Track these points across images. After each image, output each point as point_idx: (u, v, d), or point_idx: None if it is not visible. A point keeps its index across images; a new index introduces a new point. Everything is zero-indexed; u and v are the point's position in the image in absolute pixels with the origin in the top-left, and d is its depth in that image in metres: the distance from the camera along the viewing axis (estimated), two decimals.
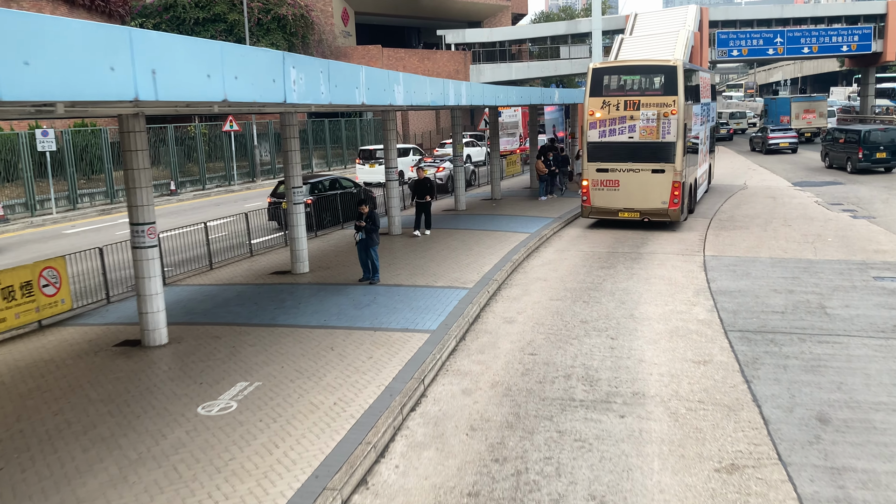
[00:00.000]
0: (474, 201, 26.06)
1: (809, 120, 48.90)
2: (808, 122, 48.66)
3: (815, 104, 51.09)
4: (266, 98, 7.07)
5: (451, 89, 14.69)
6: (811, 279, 14.24)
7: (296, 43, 37.63)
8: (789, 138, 43.54)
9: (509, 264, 15.60)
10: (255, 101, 6.92)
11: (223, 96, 6.34)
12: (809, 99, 53.70)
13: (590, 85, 19.89)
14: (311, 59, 8.24)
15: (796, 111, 50.20)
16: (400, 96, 11.24)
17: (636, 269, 15.46)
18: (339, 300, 12.78)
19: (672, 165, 19.23)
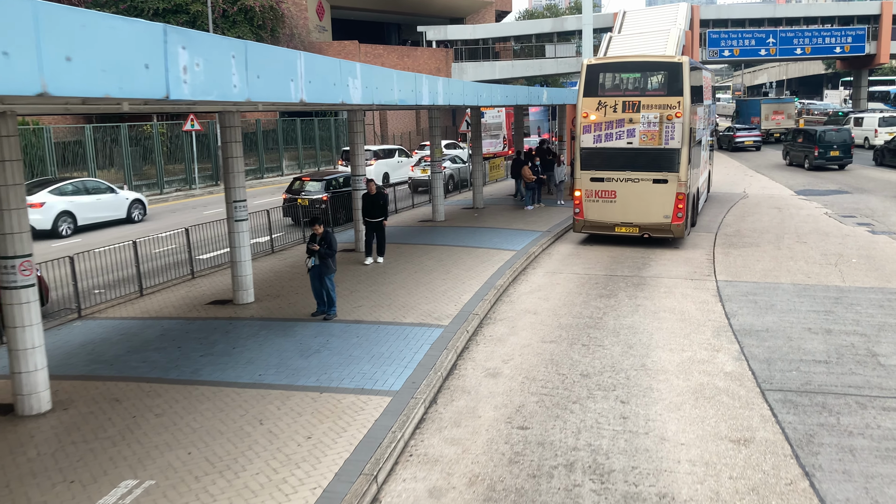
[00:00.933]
0: (454, 210, 23.73)
1: (778, 121, 50.01)
2: (777, 123, 49.67)
3: (784, 106, 52.16)
4: (132, 92, 4.72)
5: (424, 86, 12.35)
6: (848, 314, 12.05)
7: (264, 36, 35.11)
8: (753, 137, 46.60)
9: (493, 291, 13.29)
10: (111, 97, 4.56)
11: (40, 88, 3.99)
12: (779, 101, 54.98)
13: (583, 84, 17.63)
14: (215, 39, 5.87)
15: (766, 112, 51.02)
16: (356, 93, 8.89)
17: (640, 298, 13.20)
18: (284, 344, 10.39)
19: (676, 175, 17.02)
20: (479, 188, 24.11)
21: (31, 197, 20.30)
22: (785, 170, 35.43)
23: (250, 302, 12.69)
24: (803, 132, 36.67)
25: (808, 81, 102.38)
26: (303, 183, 21.75)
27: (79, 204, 21.83)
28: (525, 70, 53.49)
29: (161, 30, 5.07)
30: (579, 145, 17.79)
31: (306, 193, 21.13)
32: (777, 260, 16.13)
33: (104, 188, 23.17)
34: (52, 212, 20.87)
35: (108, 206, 22.93)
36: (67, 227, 21.32)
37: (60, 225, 21.10)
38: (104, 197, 22.93)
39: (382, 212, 15.50)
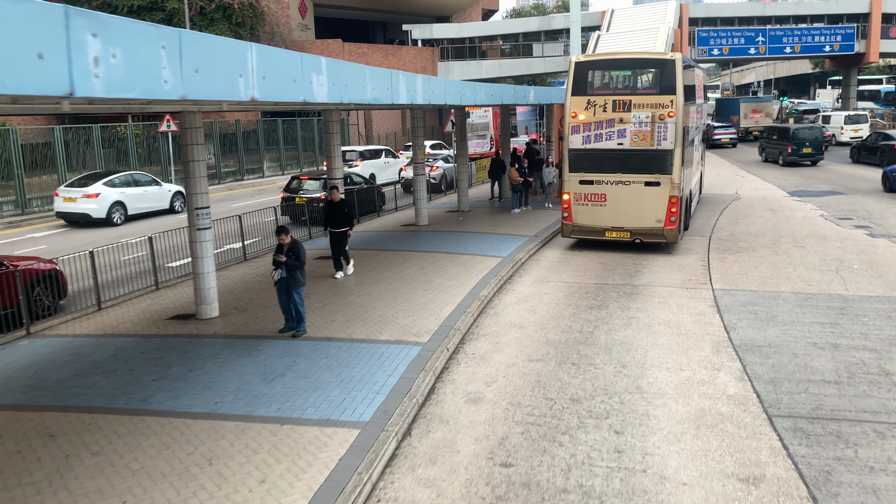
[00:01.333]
0: (438, 214, 22.87)
1: (757, 119, 50.86)
2: (755, 122, 50.51)
3: (763, 104, 53.17)
4: (19, 87, 3.84)
5: (401, 84, 11.48)
6: (854, 326, 11.27)
7: (243, 35, 34.09)
8: (730, 135, 47.90)
9: (476, 303, 12.44)
10: None
11: None
12: (757, 100, 56.19)
13: (571, 82, 16.81)
14: (138, 25, 4.99)
15: (745, 111, 52.15)
16: (321, 90, 8.02)
17: (633, 309, 12.38)
18: (246, 366, 9.49)
19: (669, 177, 16.23)
20: (465, 191, 23.26)
21: (87, 188, 22.39)
22: (762, 166, 36.83)
23: (214, 317, 11.77)
24: (778, 130, 38.31)
25: (795, 81, 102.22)
26: (301, 182, 22.11)
27: (129, 195, 23.48)
28: (512, 69, 52.70)
29: (62, 12, 4.18)
30: (567, 146, 16.97)
31: (304, 192, 21.49)
32: (775, 266, 15.36)
33: (150, 181, 24.90)
34: (106, 202, 22.57)
35: (153, 198, 24.64)
36: (119, 216, 23.02)
37: (113, 214, 22.76)
38: (150, 189, 24.62)
39: (347, 221, 14.26)
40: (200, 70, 5.58)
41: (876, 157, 33.12)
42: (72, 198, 22.32)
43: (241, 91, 6.29)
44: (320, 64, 8.06)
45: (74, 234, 21.43)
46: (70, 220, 22.78)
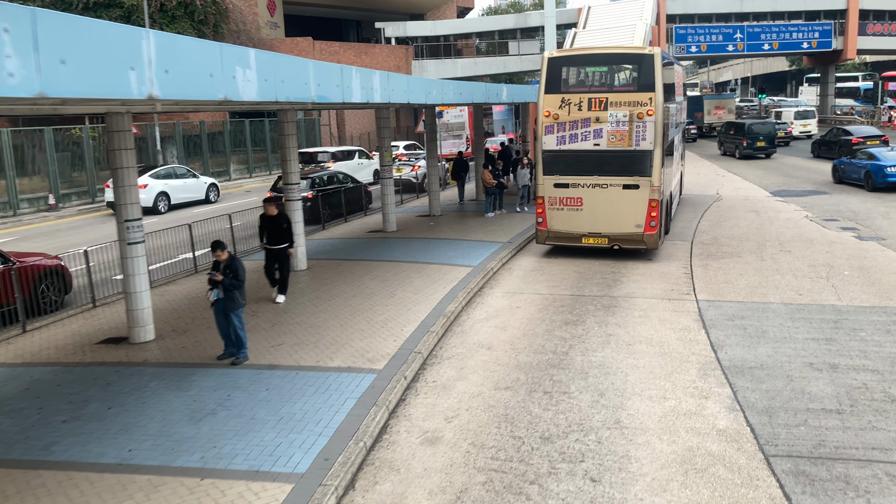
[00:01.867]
0: (408, 218, 21.78)
1: (720, 115, 52.10)
2: (718, 118, 51.68)
3: (725, 101, 55.30)
4: None
5: (355, 81, 10.37)
6: (852, 342, 10.34)
7: (207, 32, 32.74)
8: (691, 130, 49.14)
9: (442, 320, 11.36)
10: None
11: None
12: (719, 97, 59.56)
13: (545, 79, 15.78)
14: None
15: (708, 108, 53.85)
16: (249, 87, 6.90)
17: (612, 325, 11.37)
18: (173, 402, 8.34)
19: (648, 180, 15.26)
20: (436, 194, 22.18)
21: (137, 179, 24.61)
22: (721, 159, 38.93)
23: (149, 340, 10.60)
24: (735, 125, 40.33)
25: (772, 78, 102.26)
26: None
27: (171, 186, 26.08)
28: (488, 68, 51.71)
29: None
30: (541, 147, 15.95)
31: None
32: (762, 273, 14.43)
33: (188, 174, 27.45)
34: (152, 192, 25.05)
35: (192, 189, 27.05)
36: (164, 205, 25.47)
37: (159, 203, 25.26)
38: (189, 181, 27.13)
39: (286, 237, 12.63)
40: (69, 60, 4.46)
41: (835, 152, 33.10)
42: None
43: (134, 87, 5.17)
44: (247, 57, 6.94)
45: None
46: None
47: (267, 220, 12.65)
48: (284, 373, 9.16)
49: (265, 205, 12.53)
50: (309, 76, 8.73)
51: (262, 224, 12.79)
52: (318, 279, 14.23)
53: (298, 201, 14.82)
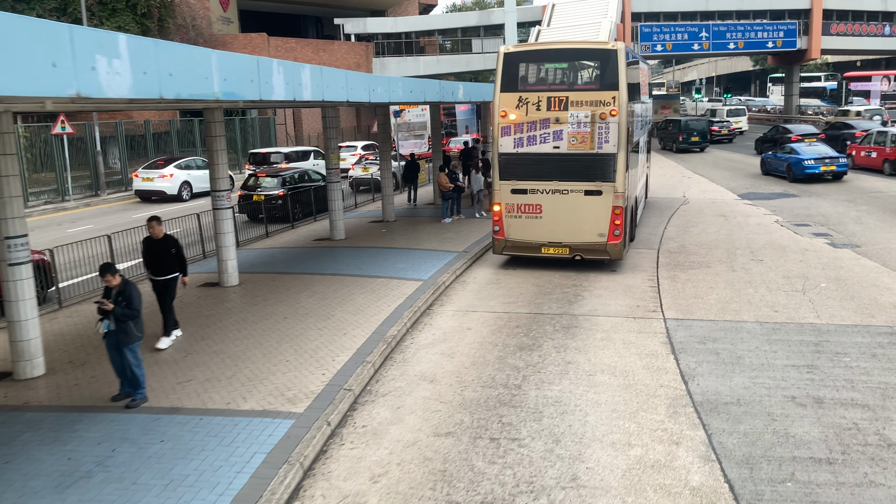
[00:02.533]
0: (359, 225, 20.44)
1: (666, 115, 53.03)
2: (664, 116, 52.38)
3: (671, 102, 58.43)
4: None
5: (276, 75, 9.01)
6: (836, 369, 9.27)
7: (151, 27, 30.97)
8: None
9: (381, 347, 10.06)
10: None
11: None
12: (667, 97, 62.61)
13: (501, 76, 14.56)
14: None
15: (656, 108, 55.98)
16: (117, 81, 5.54)
17: (571, 350, 10.17)
18: (42, 462, 6.91)
19: (612, 185, 14.12)
20: (390, 198, 20.86)
21: (163, 170, 27.11)
22: (661, 152, 41.05)
23: (37, 376, 9.13)
24: (672, 122, 43.20)
25: (737, 78, 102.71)
26: (258, 179, 22.15)
27: (194, 176, 27.77)
28: (451, 66, 50.47)
29: None
30: (497, 150, 14.73)
31: (262, 189, 21.44)
32: (733, 286, 13.38)
33: (205, 164, 27.66)
34: (177, 181, 27.05)
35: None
36: (187, 193, 27.28)
37: (183, 191, 27.11)
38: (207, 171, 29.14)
39: (175, 265, 10.25)
40: None
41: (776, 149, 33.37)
42: (150, 178, 27.07)
43: None
44: (115, 43, 5.57)
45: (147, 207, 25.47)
46: (145, 198, 27.42)
47: (151, 243, 10.23)
48: (186, 419, 7.78)
49: (149, 225, 10.22)
50: (211, 69, 7.37)
51: (144, 250, 10.37)
52: (248, 297, 12.83)
53: (228, 210, 13.41)
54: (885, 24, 54.34)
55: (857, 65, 79.79)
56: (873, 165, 28.96)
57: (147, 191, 27.29)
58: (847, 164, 27.47)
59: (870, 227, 18.69)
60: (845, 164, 27.19)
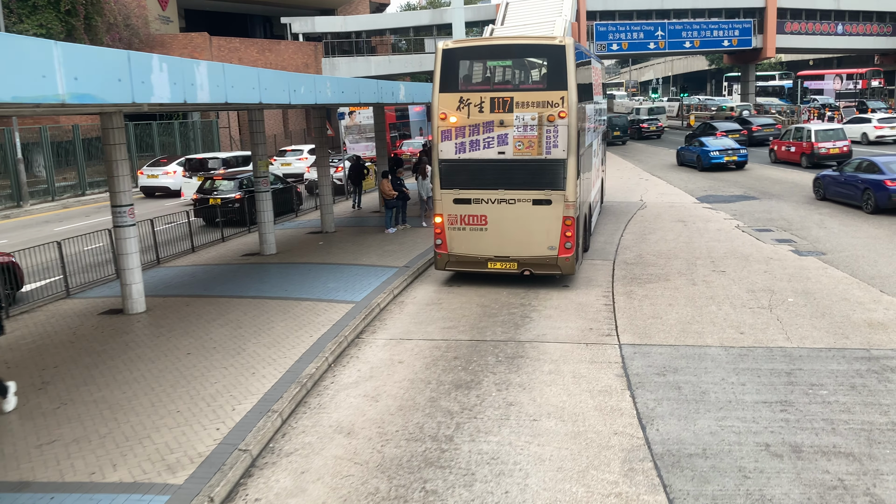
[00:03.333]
0: (295, 236, 18.94)
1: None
2: None
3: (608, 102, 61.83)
4: None
5: (158, 75, 7.55)
6: (813, 406, 8.13)
7: (77, 25, 28.96)
8: None
9: (294, 389, 8.64)
10: None
11: None
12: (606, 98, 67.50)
13: (440, 75, 13.22)
14: None
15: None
16: None
17: (515, 387, 8.88)
18: None
19: (562, 193, 12.89)
20: (329, 206, 19.37)
21: (167, 167, 28.97)
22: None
23: None
24: None
25: (693, 78, 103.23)
26: (214, 182, 21.56)
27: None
28: (404, 66, 49.07)
29: None
30: (437, 156, 13.39)
31: (218, 193, 20.93)
32: (694, 303, 12.24)
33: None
34: (180, 178, 28.17)
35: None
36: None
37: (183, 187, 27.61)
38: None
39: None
40: None
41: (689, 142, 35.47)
42: (154, 174, 29.02)
43: None
44: None
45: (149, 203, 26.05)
46: (149, 193, 29.12)
47: None
48: (33, 499, 6.26)
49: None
50: (53, 65, 5.91)
51: None
52: (153, 327, 11.29)
53: (131, 227, 11.83)
54: (838, 23, 54.50)
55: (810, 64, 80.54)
56: (792, 159, 31.15)
57: (151, 187, 29.20)
58: (747, 154, 31.05)
59: (833, 231, 17.81)
60: (745, 155, 30.74)
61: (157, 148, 34.49)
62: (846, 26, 54.75)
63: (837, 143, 29.24)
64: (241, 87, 9.81)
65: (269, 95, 10.77)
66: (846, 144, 29.36)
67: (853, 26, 55.02)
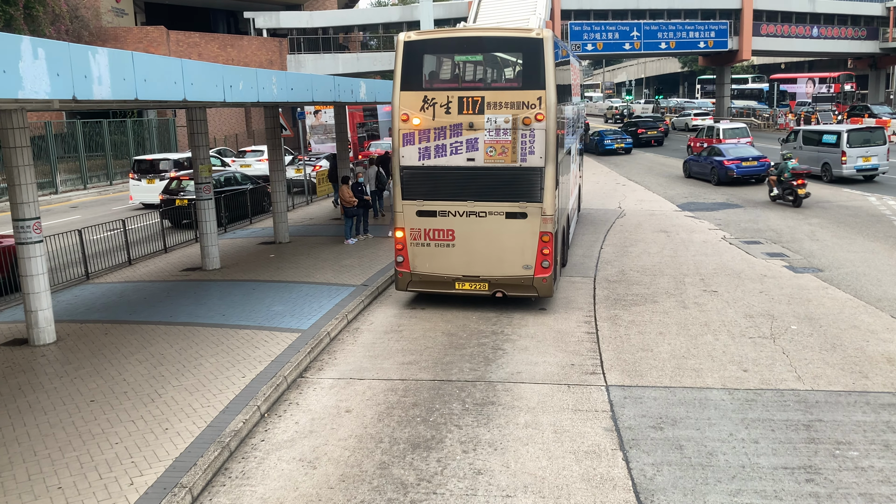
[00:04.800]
0: (245, 247, 17.23)
1: None
2: None
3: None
4: None
5: (27, 62, 5.89)
6: (844, 473, 6.70)
7: (16, 15, 26.84)
8: None
9: (214, 453, 7.00)
10: None
11: None
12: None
13: (400, 71, 11.63)
14: None
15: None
16: None
17: (484, 447, 7.33)
18: None
19: (539, 206, 11.39)
20: (283, 215, 17.68)
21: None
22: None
23: None
24: None
25: (666, 80, 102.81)
26: (181, 182, 20.82)
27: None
28: (373, 64, 47.35)
29: None
30: (398, 162, 11.81)
31: (185, 193, 20.18)
32: (688, 330, 10.82)
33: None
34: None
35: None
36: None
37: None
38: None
39: None
40: None
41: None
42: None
43: None
44: None
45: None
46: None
47: None
48: None
49: None
50: None
51: None
52: (59, 363, 9.56)
53: (37, 245, 10.08)
54: (813, 26, 53.91)
55: (782, 67, 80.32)
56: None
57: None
58: (632, 142, 40.54)
59: (827, 244, 16.57)
60: (631, 143, 40.22)
61: (109, 148, 32.40)
62: (821, 29, 54.19)
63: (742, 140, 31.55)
64: (157, 82, 8.13)
65: (197, 92, 9.10)
66: (749, 140, 31.97)
67: (828, 29, 54.49)
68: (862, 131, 25.90)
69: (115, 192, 30.87)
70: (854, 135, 25.36)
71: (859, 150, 25.06)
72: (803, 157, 25.88)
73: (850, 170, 25.00)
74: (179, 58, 9.10)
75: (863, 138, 25.35)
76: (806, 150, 26.80)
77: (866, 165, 24.96)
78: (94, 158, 32.23)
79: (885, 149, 25.23)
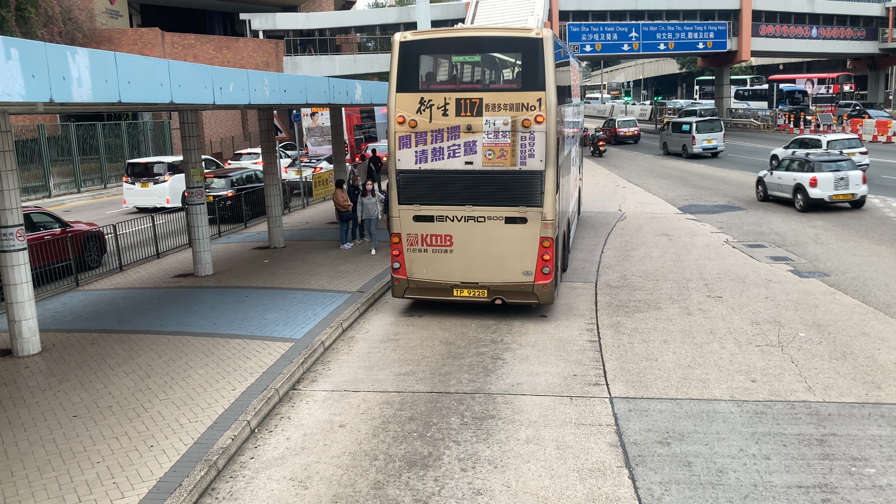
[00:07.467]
0: (240, 252, 16.90)
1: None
2: None
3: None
4: None
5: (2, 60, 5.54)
6: (862, 493, 6.42)
7: (8, 17, 26.47)
8: None
9: (200, 473, 6.67)
10: None
11: None
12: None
13: (397, 72, 11.30)
14: None
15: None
16: None
17: (484, 465, 7.01)
18: None
19: (539, 211, 11.06)
20: (277, 219, 17.35)
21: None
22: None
23: None
24: None
25: (664, 81, 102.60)
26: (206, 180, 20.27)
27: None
28: (370, 65, 47.02)
29: None
30: (395, 166, 11.48)
31: (210, 190, 20.56)
32: (692, 338, 10.51)
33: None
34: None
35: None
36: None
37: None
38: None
39: None
40: None
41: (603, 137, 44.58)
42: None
43: None
44: None
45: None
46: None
47: None
48: None
49: None
50: None
51: None
52: (43, 375, 9.22)
53: (20, 252, 9.74)
54: (812, 26, 53.68)
55: (780, 68, 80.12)
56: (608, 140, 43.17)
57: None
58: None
59: (832, 248, 16.27)
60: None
61: (103, 150, 32.05)
62: (820, 30, 53.96)
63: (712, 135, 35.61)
64: (142, 84, 7.81)
65: (185, 94, 8.77)
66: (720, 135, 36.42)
67: (827, 30, 54.26)
68: (706, 122, 36.28)
69: (109, 196, 30.50)
70: (701, 125, 35.81)
71: (705, 135, 35.23)
72: (672, 141, 37.08)
73: (698, 148, 35.20)
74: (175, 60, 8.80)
75: (708, 127, 35.57)
76: (674, 136, 37.06)
77: (709, 146, 35.36)
78: (88, 161, 31.87)
79: (721, 134, 35.63)
